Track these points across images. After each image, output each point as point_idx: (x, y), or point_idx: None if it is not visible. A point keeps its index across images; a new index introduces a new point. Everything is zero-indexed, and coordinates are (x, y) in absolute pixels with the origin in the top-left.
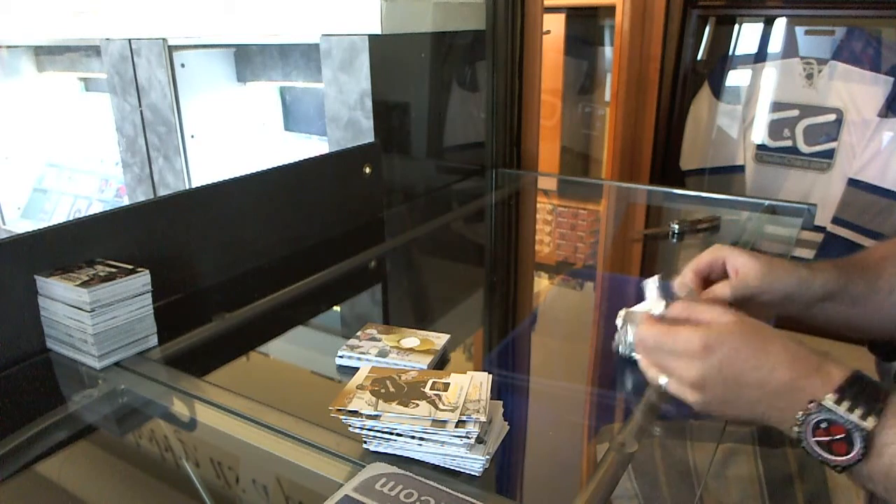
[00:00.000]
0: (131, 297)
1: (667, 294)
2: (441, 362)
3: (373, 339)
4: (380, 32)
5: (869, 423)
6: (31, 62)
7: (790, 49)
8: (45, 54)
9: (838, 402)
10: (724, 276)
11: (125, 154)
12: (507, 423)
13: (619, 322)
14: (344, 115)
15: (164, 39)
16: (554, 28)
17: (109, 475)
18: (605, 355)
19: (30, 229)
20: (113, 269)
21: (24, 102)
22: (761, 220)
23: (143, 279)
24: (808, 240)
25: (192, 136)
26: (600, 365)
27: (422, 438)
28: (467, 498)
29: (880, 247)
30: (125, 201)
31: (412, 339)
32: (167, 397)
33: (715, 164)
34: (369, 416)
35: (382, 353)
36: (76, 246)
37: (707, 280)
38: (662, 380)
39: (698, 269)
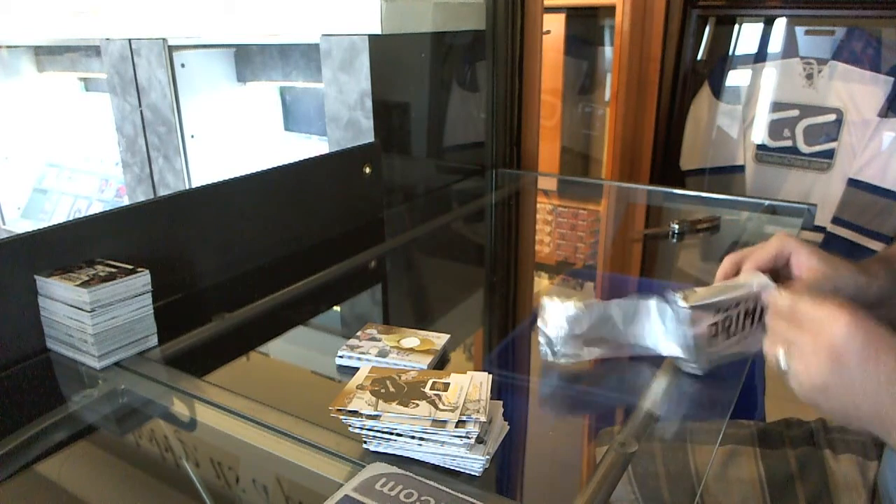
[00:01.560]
0: (131, 297)
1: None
2: (441, 362)
3: (373, 339)
4: (380, 32)
5: None
6: (31, 62)
7: (790, 49)
8: (45, 54)
9: None
10: (785, 268)
11: (125, 154)
12: (507, 423)
13: (543, 319)
14: (344, 115)
15: (164, 39)
16: (554, 28)
17: (109, 475)
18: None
19: (30, 229)
20: (113, 269)
21: (24, 102)
22: (761, 220)
23: (143, 279)
24: (808, 240)
25: (192, 136)
26: (600, 365)
27: (422, 438)
28: (467, 498)
29: None
30: (125, 201)
31: (412, 339)
32: (167, 397)
33: (715, 164)
34: (369, 416)
35: (382, 353)
36: (76, 246)
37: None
38: (783, 363)
39: (761, 263)
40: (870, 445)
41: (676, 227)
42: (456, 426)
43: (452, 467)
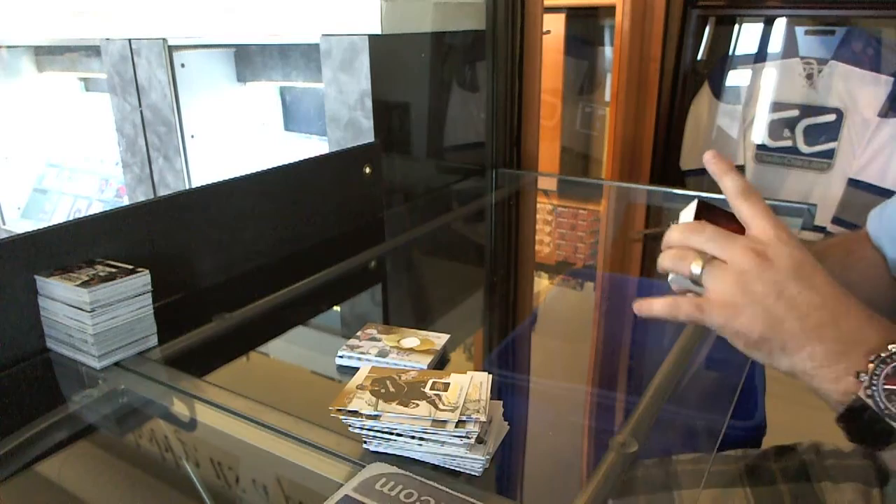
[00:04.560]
0: (131, 297)
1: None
2: (441, 362)
3: (373, 339)
4: (380, 32)
5: None
6: (31, 62)
7: (790, 49)
8: (45, 54)
9: None
10: None
11: (125, 154)
12: (507, 423)
13: None
14: (344, 115)
15: (164, 39)
16: (554, 28)
17: (109, 475)
18: (606, 355)
19: (30, 229)
20: (113, 269)
21: (24, 102)
22: None
23: (143, 279)
24: (808, 240)
25: (192, 136)
26: (600, 365)
27: (422, 438)
28: (467, 498)
29: (837, 242)
30: (125, 201)
31: (412, 339)
32: (167, 397)
33: None
34: (369, 416)
35: (382, 353)
36: (76, 246)
37: None
38: (696, 267)
39: None
40: (870, 471)
41: None
42: (456, 426)
43: (452, 467)
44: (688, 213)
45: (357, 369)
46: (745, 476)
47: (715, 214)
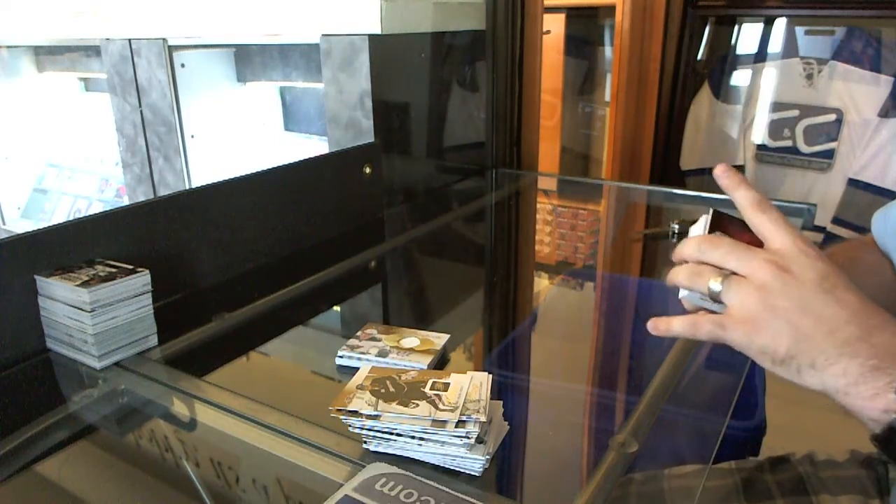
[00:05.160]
0: (131, 297)
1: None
2: (441, 362)
3: (373, 339)
4: (380, 32)
5: None
6: (31, 62)
7: (790, 49)
8: (45, 54)
9: None
10: None
11: (125, 154)
12: (507, 423)
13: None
14: (344, 115)
15: (164, 39)
16: (554, 28)
17: (109, 475)
18: (606, 355)
19: (30, 229)
20: (113, 269)
21: (24, 102)
22: None
23: (143, 279)
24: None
25: (192, 136)
26: (600, 365)
27: (422, 438)
28: (467, 498)
29: (840, 249)
30: (125, 201)
31: (412, 339)
32: (167, 397)
33: (715, 164)
34: (369, 416)
35: (382, 353)
36: (76, 246)
37: None
38: (714, 284)
39: None
40: (867, 482)
41: (676, 227)
42: (456, 426)
43: (452, 467)
44: (699, 226)
45: (357, 369)
46: (741, 491)
47: (730, 224)
